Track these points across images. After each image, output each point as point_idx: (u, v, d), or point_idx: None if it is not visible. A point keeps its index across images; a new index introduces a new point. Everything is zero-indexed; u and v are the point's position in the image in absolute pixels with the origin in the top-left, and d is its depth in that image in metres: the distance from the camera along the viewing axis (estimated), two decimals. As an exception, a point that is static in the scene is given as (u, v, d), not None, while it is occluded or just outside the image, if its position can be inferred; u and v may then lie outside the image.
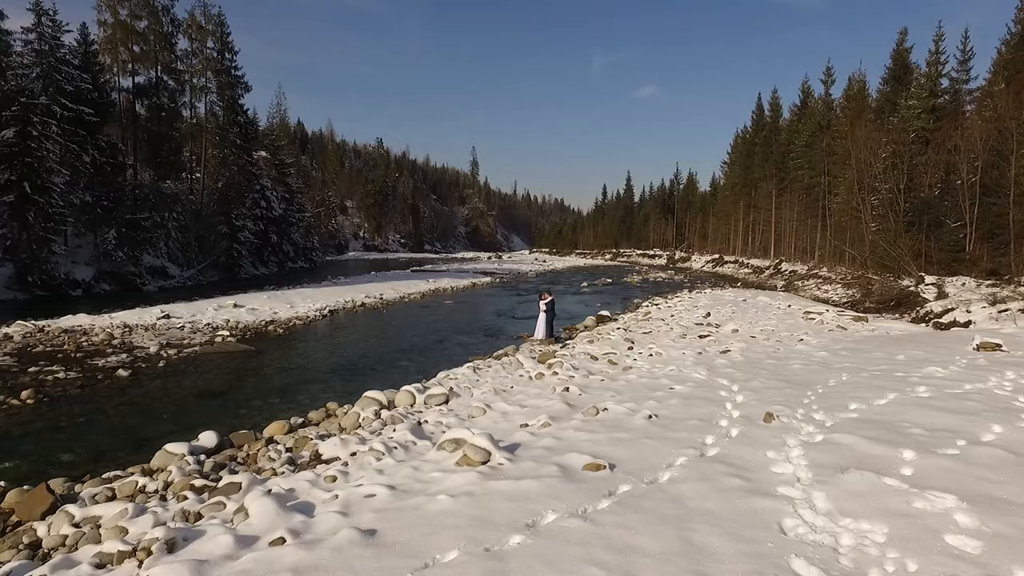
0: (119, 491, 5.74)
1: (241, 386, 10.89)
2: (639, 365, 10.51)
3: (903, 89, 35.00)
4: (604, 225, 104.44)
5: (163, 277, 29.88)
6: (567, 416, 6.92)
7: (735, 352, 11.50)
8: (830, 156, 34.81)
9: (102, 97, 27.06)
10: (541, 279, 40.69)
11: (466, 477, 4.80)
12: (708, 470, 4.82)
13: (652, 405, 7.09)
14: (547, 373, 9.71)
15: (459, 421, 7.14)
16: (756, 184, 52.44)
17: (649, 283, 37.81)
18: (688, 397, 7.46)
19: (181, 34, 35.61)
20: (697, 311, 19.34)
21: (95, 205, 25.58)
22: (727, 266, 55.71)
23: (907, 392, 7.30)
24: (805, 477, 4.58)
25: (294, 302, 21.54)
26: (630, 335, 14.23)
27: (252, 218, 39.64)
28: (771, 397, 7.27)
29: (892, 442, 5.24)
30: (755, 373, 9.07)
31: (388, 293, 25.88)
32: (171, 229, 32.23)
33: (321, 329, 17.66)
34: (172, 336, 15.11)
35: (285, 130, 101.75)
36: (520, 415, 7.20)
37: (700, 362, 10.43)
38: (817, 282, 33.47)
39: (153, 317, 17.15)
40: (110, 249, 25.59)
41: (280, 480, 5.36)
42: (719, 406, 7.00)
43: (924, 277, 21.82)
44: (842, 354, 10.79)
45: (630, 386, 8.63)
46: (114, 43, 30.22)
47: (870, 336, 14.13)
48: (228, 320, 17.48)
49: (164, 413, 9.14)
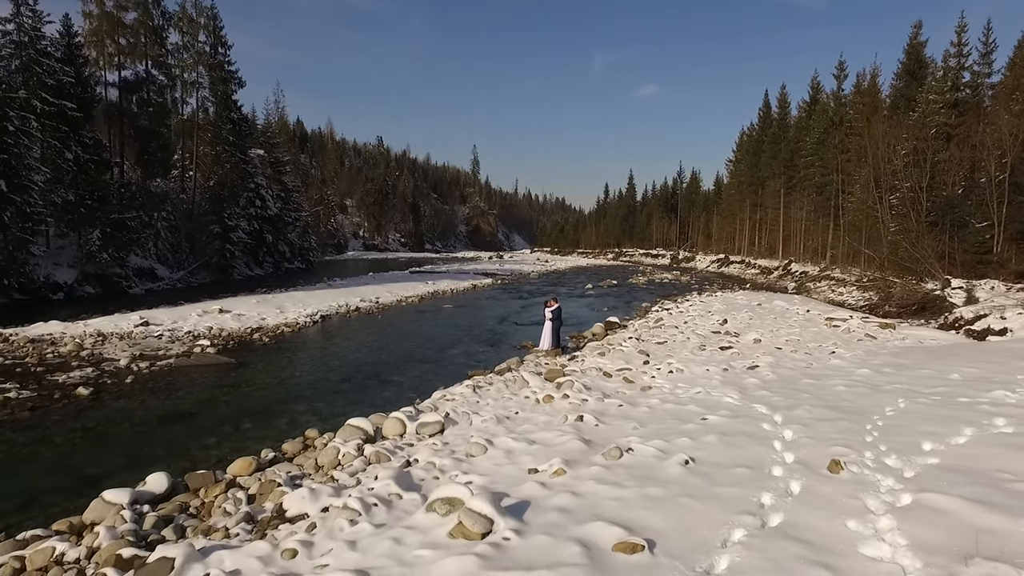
0: (30, 562, 4.61)
1: (214, 406, 9.76)
2: (659, 385, 9.36)
3: (918, 84, 33.84)
4: (606, 224, 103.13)
5: (151, 279, 28.76)
6: (584, 458, 5.77)
7: (764, 368, 10.36)
8: (843, 153, 33.62)
9: (86, 92, 25.90)
10: (543, 280, 39.55)
11: (461, 564, 3.66)
12: (777, 553, 3.68)
13: (685, 444, 5.95)
14: (556, 396, 8.57)
15: (455, 463, 5.99)
16: (763, 183, 51.21)
17: (655, 285, 36.65)
18: (726, 432, 6.31)
19: (172, 28, 34.48)
20: (711, 317, 18.19)
21: (78, 204, 24.44)
22: (733, 266, 54.52)
23: (985, 426, 6.17)
24: (914, 569, 3.44)
25: (284, 307, 20.40)
26: (644, 346, 13.09)
27: (246, 217, 38.50)
28: (825, 432, 6.13)
29: (1004, 507, 4.08)
30: (795, 397, 7.94)
31: (384, 296, 24.75)
32: (161, 229, 31.09)
33: (310, 337, 16.54)
34: (148, 346, 13.98)
35: (284, 128, 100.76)
36: (528, 455, 6.05)
37: (728, 381, 9.29)
38: (830, 284, 32.30)
39: (131, 324, 16.02)
40: (94, 250, 24.46)
41: (226, 557, 4.21)
42: (766, 445, 5.86)
43: (950, 280, 20.65)
44: (886, 372, 9.65)
45: (653, 414, 7.49)
46: (100, 36, 29.01)
47: (905, 347, 12.98)
48: (211, 327, 16.35)
49: (121, 442, 8.02)
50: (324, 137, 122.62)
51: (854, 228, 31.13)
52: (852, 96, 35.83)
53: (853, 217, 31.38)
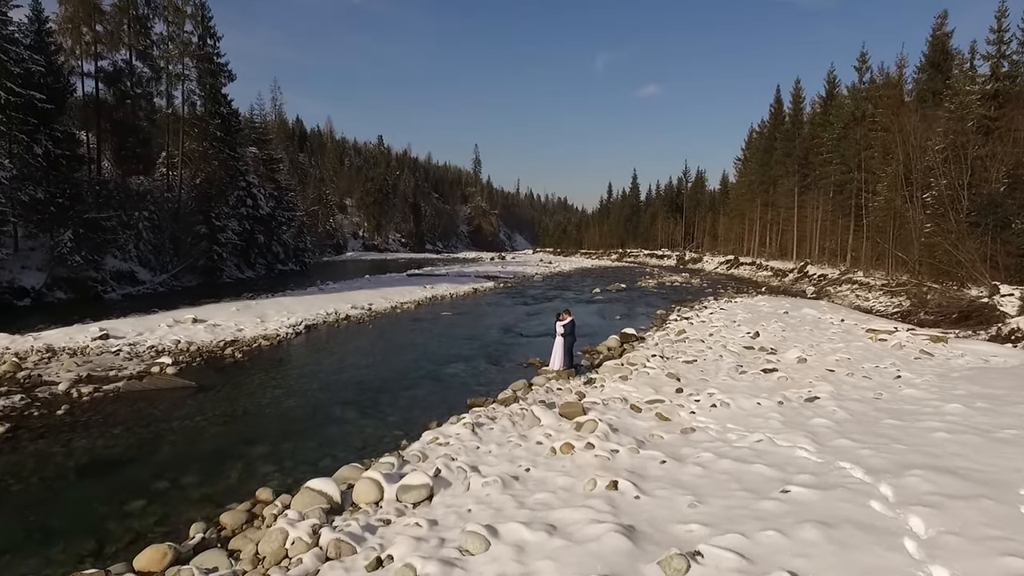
0: None
1: (155, 449, 7.96)
2: (703, 424, 7.54)
3: (943, 77, 31.95)
4: (610, 224, 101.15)
5: (131, 283, 26.95)
6: (631, 571, 3.94)
7: (827, 400, 8.52)
8: (866, 149, 31.72)
9: (58, 82, 24.12)
10: (548, 284, 37.69)
11: None
12: None
13: (776, 543, 4.12)
14: (577, 445, 6.74)
15: (443, 570, 4.16)
16: (775, 181, 49.32)
17: (666, 288, 34.77)
18: (827, 519, 4.47)
19: (157, 17, 32.67)
20: (738, 328, 16.35)
21: (48, 203, 22.64)
22: (743, 268, 52.63)
23: None
24: None
25: (267, 315, 18.59)
26: (671, 366, 11.26)
27: (237, 217, 36.69)
28: (972, 523, 4.29)
29: None
30: (888, 449, 6.09)
31: (378, 303, 22.93)
32: (142, 229, 29.26)
33: (290, 352, 14.73)
34: (100, 364, 12.18)
35: (283, 126, 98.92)
36: (546, 559, 4.21)
37: (790, 421, 7.46)
38: (853, 288, 30.42)
39: (88, 337, 14.20)
40: (65, 252, 22.66)
41: None
42: (895, 548, 4.03)
43: (999, 286, 18.79)
44: (980, 407, 7.81)
45: (710, 478, 5.65)
46: (76, 23, 27.22)
47: (976, 368, 11.10)
48: (179, 341, 14.55)
49: (15, 507, 6.22)
50: (324, 136, 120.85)
51: (880, 229, 29.25)
52: (873, 89, 33.90)
53: (878, 217, 29.49)
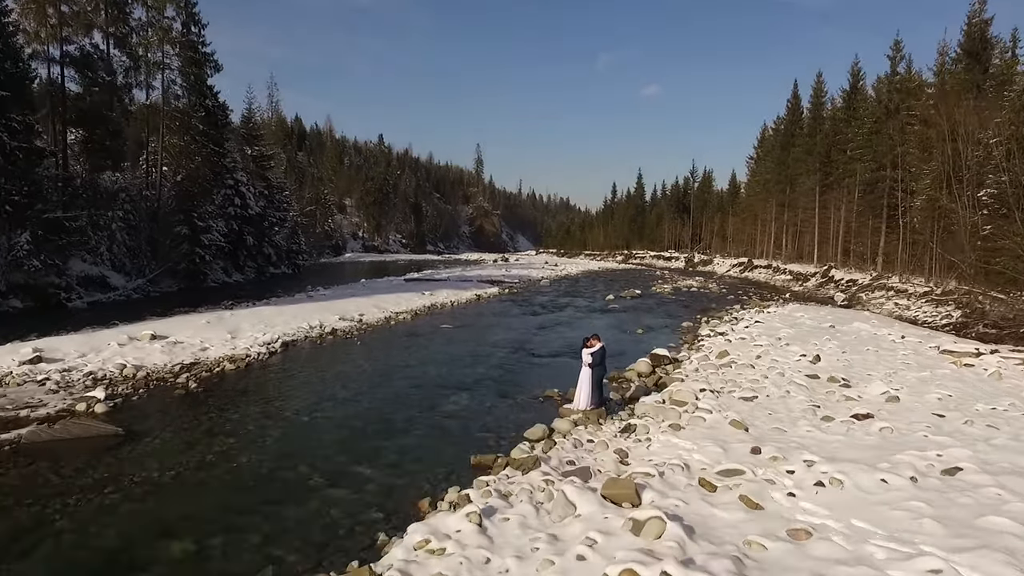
0: None
1: (28, 552, 5.56)
2: (820, 523, 5.12)
3: (982, 68, 29.57)
4: (614, 225, 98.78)
5: (101, 289, 24.57)
6: None
7: (974, 472, 6.08)
8: (902, 144, 29.27)
9: (16, 67, 21.79)
10: (556, 289, 35.23)
11: None
12: None
13: None
14: (641, 571, 4.31)
15: None
16: (793, 180, 46.85)
17: (684, 294, 32.32)
18: None
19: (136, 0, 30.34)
20: (788, 348, 13.93)
21: (3, 201, 20.31)
22: (758, 271, 50.16)
23: None
24: None
25: (240, 329, 16.19)
26: (728, 405, 8.85)
27: (223, 217, 34.27)
28: None
29: None
30: None
31: (371, 313, 20.54)
32: (116, 230, 26.89)
33: (258, 379, 12.32)
34: (15, 399, 9.81)
35: (281, 124, 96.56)
36: None
37: (949, 518, 5.02)
38: (888, 295, 27.98)
39: (16, 361, 11.80)
40: (22, 256, 20.32)
41: None
42: None
43: (1082, 298, 16.37)
44: None
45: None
46: (40, 2, 24.85)
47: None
48: (126, 365, 12.15)
49: None
50: (323, 135, 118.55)
51: (919, 231, 26.81)
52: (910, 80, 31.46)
53: (918, 217, 27.04)
